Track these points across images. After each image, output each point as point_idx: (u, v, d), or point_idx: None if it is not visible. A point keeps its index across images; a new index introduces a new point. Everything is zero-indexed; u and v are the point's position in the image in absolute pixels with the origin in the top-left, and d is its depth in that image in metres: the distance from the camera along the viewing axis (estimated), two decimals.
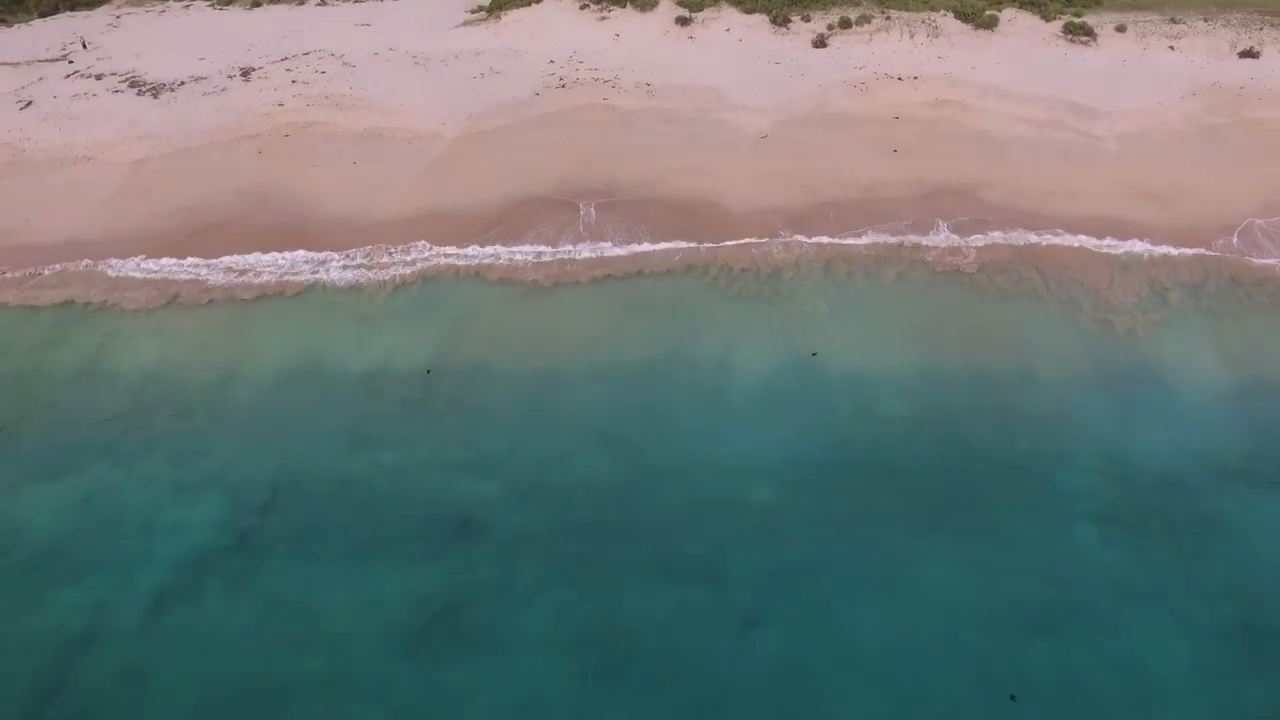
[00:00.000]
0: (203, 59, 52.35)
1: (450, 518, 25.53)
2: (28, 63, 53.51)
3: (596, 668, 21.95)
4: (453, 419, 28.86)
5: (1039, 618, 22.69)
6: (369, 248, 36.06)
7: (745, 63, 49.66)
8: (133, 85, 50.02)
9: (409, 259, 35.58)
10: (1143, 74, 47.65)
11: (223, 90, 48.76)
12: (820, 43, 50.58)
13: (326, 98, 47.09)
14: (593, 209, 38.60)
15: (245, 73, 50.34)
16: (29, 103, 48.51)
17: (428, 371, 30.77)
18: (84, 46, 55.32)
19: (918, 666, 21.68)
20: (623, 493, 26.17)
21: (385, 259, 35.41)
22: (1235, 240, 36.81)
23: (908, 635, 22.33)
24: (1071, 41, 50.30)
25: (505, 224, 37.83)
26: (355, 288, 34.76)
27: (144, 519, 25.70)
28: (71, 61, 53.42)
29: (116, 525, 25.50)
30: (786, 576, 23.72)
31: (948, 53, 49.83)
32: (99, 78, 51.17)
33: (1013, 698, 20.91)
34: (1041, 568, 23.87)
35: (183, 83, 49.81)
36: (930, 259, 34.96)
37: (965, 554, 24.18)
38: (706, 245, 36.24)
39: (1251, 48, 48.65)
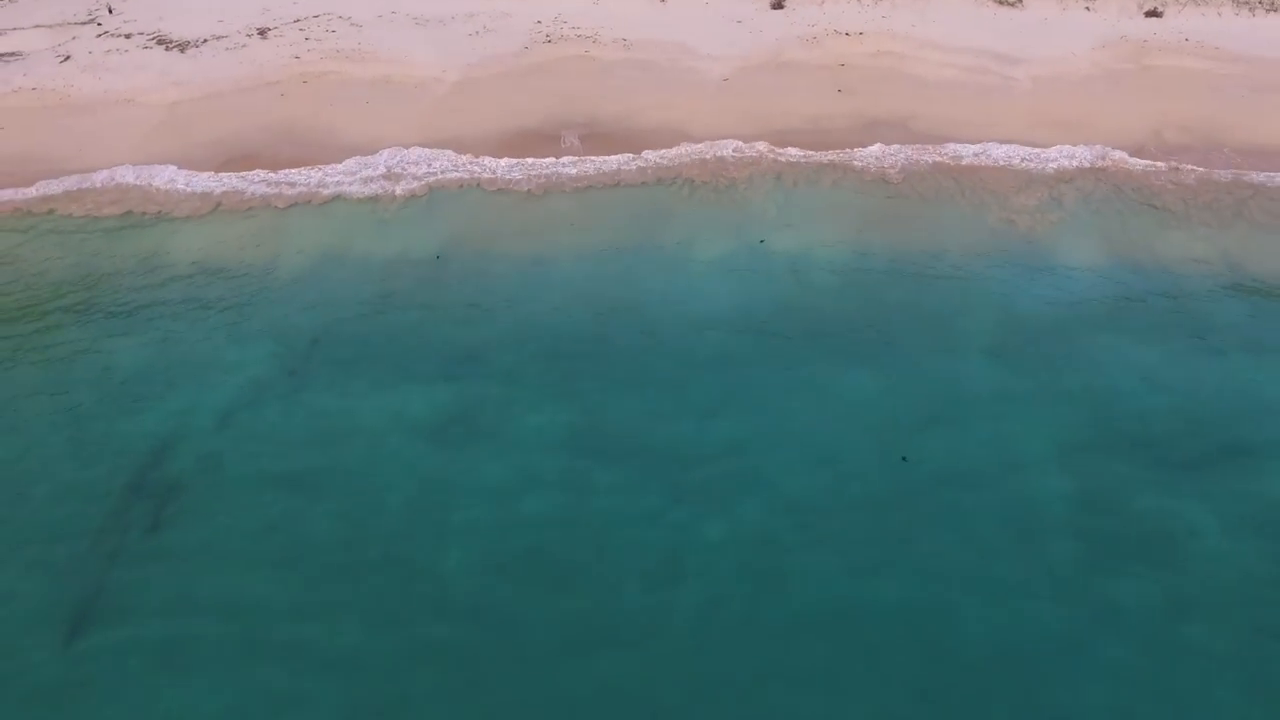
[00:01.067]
0: (221, 21, 57.87)
1: (461, 353, 31.41)
2: (59, 25, 58.92)
3: (583, 449, 27.82)
4: (460, 288, 34.77)
5: (932, 411, 28.84)
6: (386, 152, 42.08)
7: (711, 22, 55.65)
8: (160, 42, 55.58)
9: (419, 172, 41.42)
10: (1060, 30, 54.06)
11: (243, 46, 54.35)
12: (778, 5, 56.70)
13: (338, 51, 52.79)
14: (576, 138, 44.52)
15: (262, 32, 55.94)
16: (67, 57, 53.94)
17: (437, 256, 36.58)
18: (109, 11, 60.76)
19: (832, 441, 27.74)
20: (602, 335, 32.16)
21: (399, 170, 41.25)
22: (1127, 159, 43.17)
23: (826, 423, 28.40)
24: (1000, 3, 56.68)
25: (501, 150, 43.64)
26: (373, 198, 40.55)
27: (209, 357, 31.50)
28: (100, 24, 58.84)
29: (186, 360, 31.29)
30: (734, 386, 29.83)
31: (891, 13, 56.06)
32: (128, 36, 56.64)
33: (904, 458, 26.91)
34: (938, 381, 30.02)
35: (205, 40, 55.37)
36: (859, 166, 41.20)
37: (876, 372, 30.28)
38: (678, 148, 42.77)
39: (1155, 8, 55.21)
